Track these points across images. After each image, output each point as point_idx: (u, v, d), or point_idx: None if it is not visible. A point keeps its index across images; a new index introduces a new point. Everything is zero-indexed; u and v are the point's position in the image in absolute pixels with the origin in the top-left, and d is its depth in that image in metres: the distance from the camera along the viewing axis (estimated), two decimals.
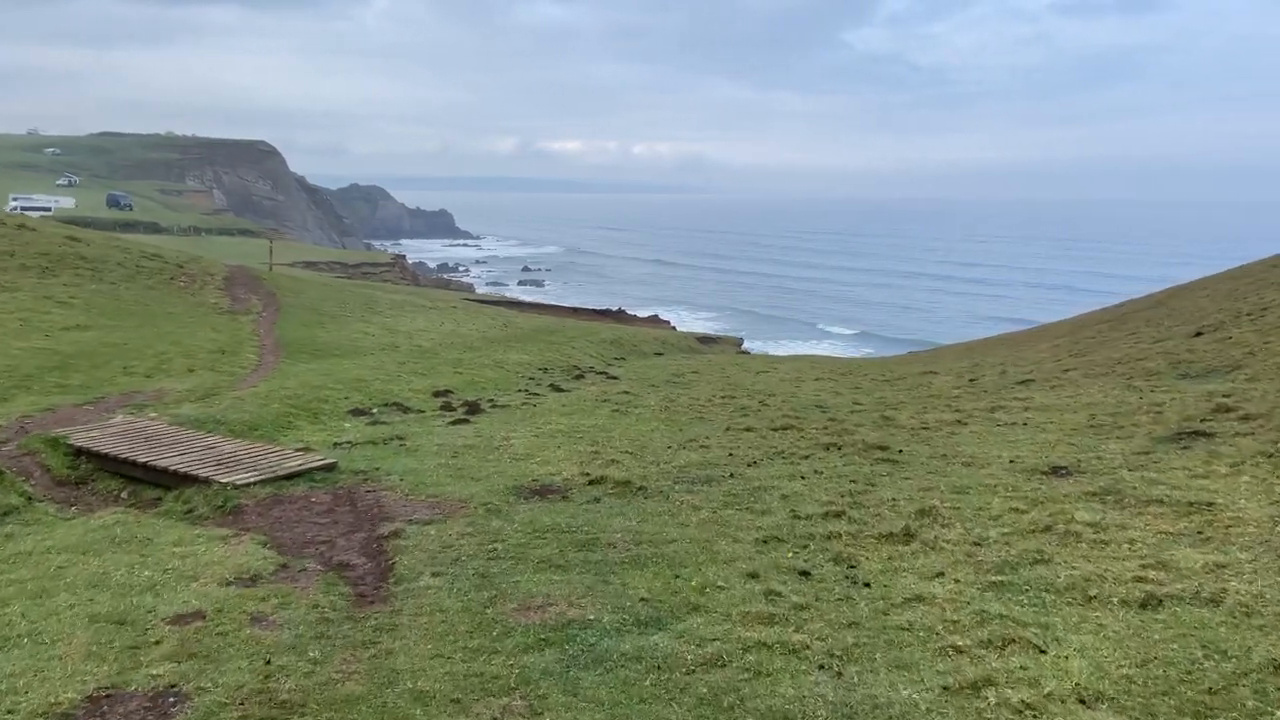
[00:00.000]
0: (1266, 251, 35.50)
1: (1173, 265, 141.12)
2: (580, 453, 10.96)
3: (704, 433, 12.81)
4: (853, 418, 14.08)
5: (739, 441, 11.92)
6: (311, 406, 14.20)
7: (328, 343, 21.89)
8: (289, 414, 13.44)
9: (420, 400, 16.15)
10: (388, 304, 32.70)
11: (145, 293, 24.04)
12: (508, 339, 29.30)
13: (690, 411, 15.24)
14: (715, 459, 10.60)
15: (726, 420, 14.13)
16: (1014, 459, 9.88)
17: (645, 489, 8.65)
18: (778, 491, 8.58)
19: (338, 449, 11.45)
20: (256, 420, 12.67)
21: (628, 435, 12.59)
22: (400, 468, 9.82)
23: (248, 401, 13.66)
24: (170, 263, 28.06)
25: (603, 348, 32.13)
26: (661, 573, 6.11)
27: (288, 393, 14.71)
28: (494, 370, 21.58)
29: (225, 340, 19.96)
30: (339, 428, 13.23)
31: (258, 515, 8.09)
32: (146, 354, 17.16)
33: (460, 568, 6.33)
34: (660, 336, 39.37)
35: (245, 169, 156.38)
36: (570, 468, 9.89)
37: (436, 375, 19.15)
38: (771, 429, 12.89)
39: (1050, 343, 27.72)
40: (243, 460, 9.42)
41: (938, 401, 16.00)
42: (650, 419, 14.31)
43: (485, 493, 8.60)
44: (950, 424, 12.93)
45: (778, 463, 10.37)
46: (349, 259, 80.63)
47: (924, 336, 74.84)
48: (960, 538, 6.74)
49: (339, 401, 14.95)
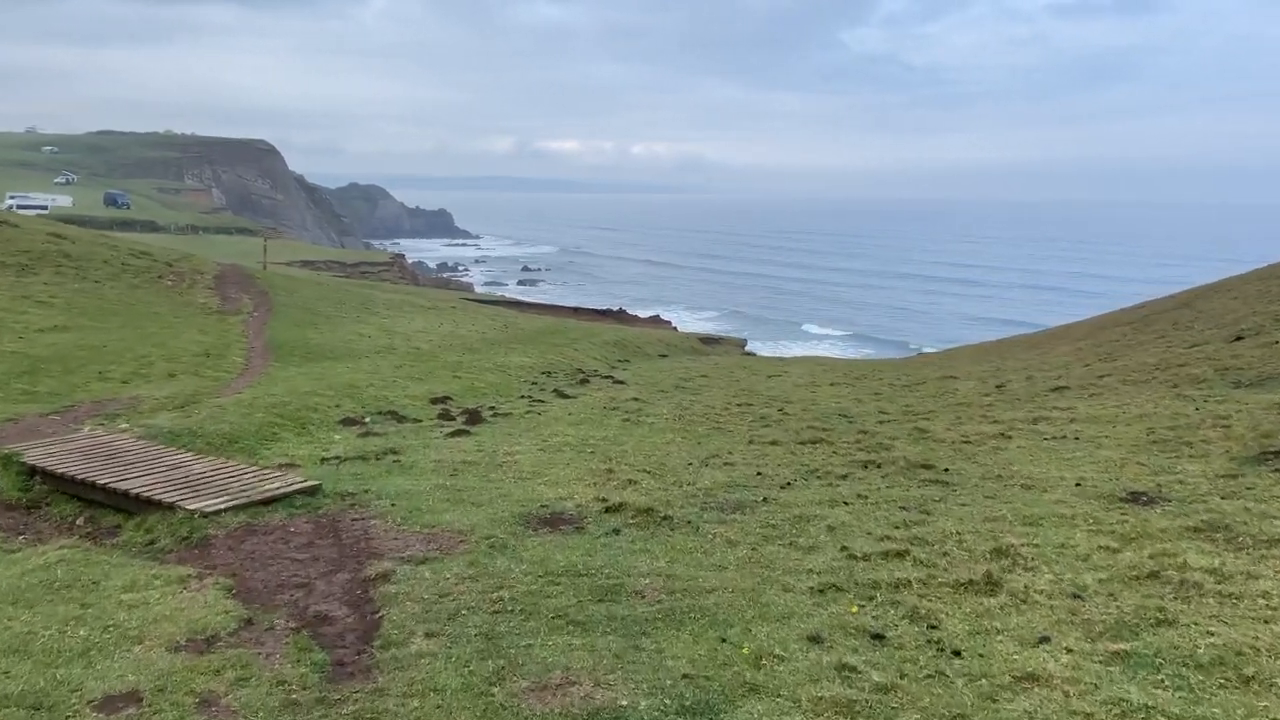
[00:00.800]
0: (1268, 255, 34.40)
1: (1170, 266, 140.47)
2: (593, 471, 9.89)
3: (725, 446, 11.74)
4: (884, 429, 13.02)
5: (765, 457, 10.85)
6: (299, 415, 13.12)
7: (320, 345, 20.81)
8: (273, 424, 12.36)
9: (417, 408, 15.08)
10: (385, 304, 31.63)
11: (130, 292, 22.95)
12: (509, 340, 28.25)
13: (706, 421, 14.18)
14: (743, 479, 9.54)
15: (747, 431, 13.07)
16: (1080, 481, 8.83)
17: (670, 518, 7.59)
18: (822, 522, 7.52)
19: (325, 466, 10.38)
20: (237, 432, 11.59)
21: (642, 449, 11.53)
22: (392, 489, 8.75)
23: (229, 410, 12.59)
24: (159, 261, 26.97)
25: (606, 350, 31.12)
26: (703, 634, 5.05)
27: (274, 400, 13.63)
28: (495, 374, 20.51)
29: (212, 342, 18.89)
30: (328, 440, 12.16)
31: (227, 549, 7.03)
32: (126, 357, 16.08)
33: (460, 625, 5.27)
34: (663, 338, 38.45)
35: (244, 168, 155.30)
36: (583, 490, 8.82)
37: (434, 380, 18.08)
38: (799, 442, 11.82)
39: (1070, 345, 26.66)
40: (215, 482, 8.36)
41: (970, 410, 14.94)
42: (665, 430, 13.25)
43: (488, 522, 7.54)
44: (993, 437, 11.88)
45: (813, 484, 9.30)
46: (347, 258, 79.64)
47: (918, 338, 73.82)
48: (1052, 586, 5.69)
49: (329, 410, 13.88)
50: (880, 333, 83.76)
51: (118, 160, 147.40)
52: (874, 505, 8.18)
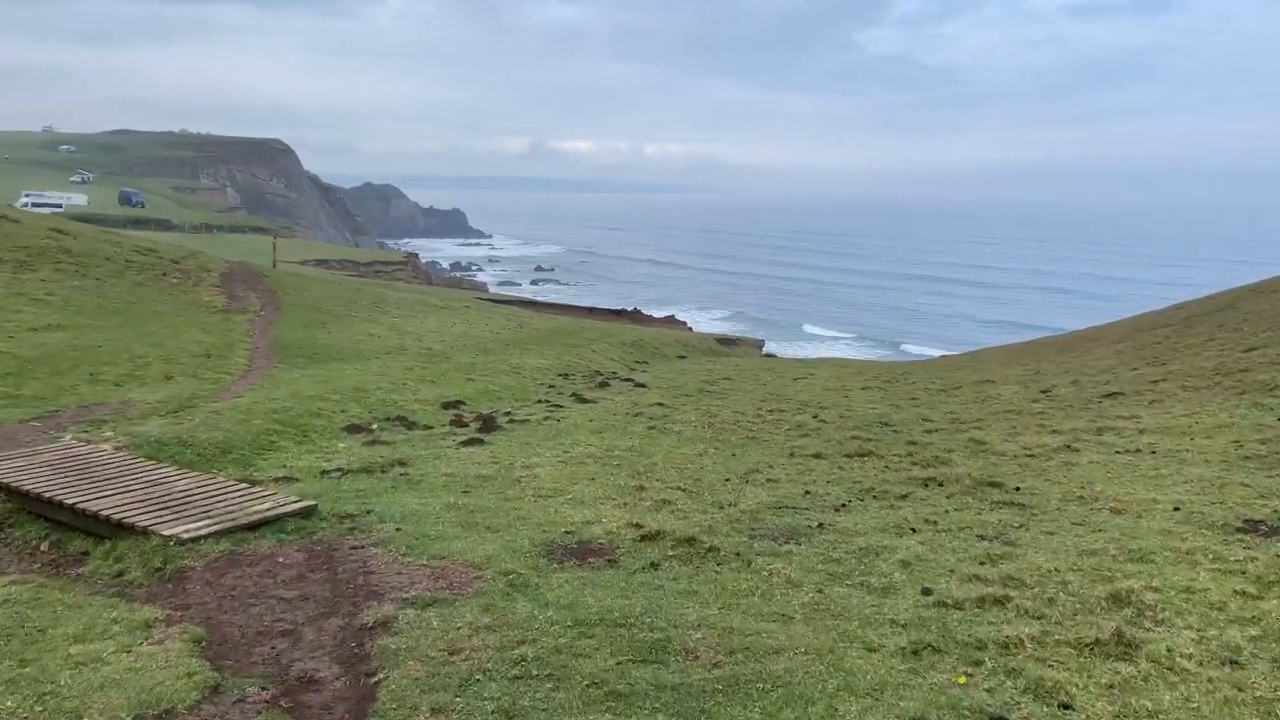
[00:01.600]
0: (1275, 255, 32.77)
1: (1182, 268, 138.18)
2: (621, 488, 8.87)
3: (764, 459, 10.70)
4: (934, 440, 11.94)
5: (811, 473, 9.81)
6: (301, 422, 12.17)
7: (328, 345, 19.90)
8: (272, 432, 11.41)
9: (428, 413, 14.11)
10: (396, 303, 30.74)
11: (132, 290, 22.12)
12: (523, 341, 27.30)
13: (739, 429, 13.14)
14: (790, 498, 8.50)
15: (785, 442, 12.03)
16: (1178, 505, 7.74)
17: (716, 549, 6.56)
18: (893, 555, 6.48)
19: (325, 479, 9.42)
20: (231, 441, 10.65)
21: (673, 461, 10.51)
22: (398, 510, 7.77)
23: (225, 416, 11.65)
24: (164, 258, 26.15)
25: (624, 351, 30.17)
26: (778, 715, 4.02)
27: (275, 405, 12.69)
28: (510, 377, 19.54)
29: (214, 342, 17.99)
30: (330, 449, 11.20)
31: (204, 585, 6.06)
32: (120, 358, 15.20)
33: (473, 696, 4.26)
34: (680, 338, 37.60)
35: (259, 167, 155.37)
36: (612, 512, 7.80)
37: (447, 383, 17.12)
38: (845, 455, 10.76)
39: (1107, 348, 25.42)
40: (197, 502, 7.39)
41: (1022, 419, 13.83)
42: (695, 439, 12.22)
43: (506, 552, 6.54)
44: (1058, 450, 10.79)
45: (871, 506, 8.25)
46: (361, 257, 79.05)
47: (930, 341, 72.37)
48: (1198, 649, 4.63)
49: (334, 415, 12.93)
50: (888, 335, 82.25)
51: (133, 159, 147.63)
52: (946, 533, 7.13)
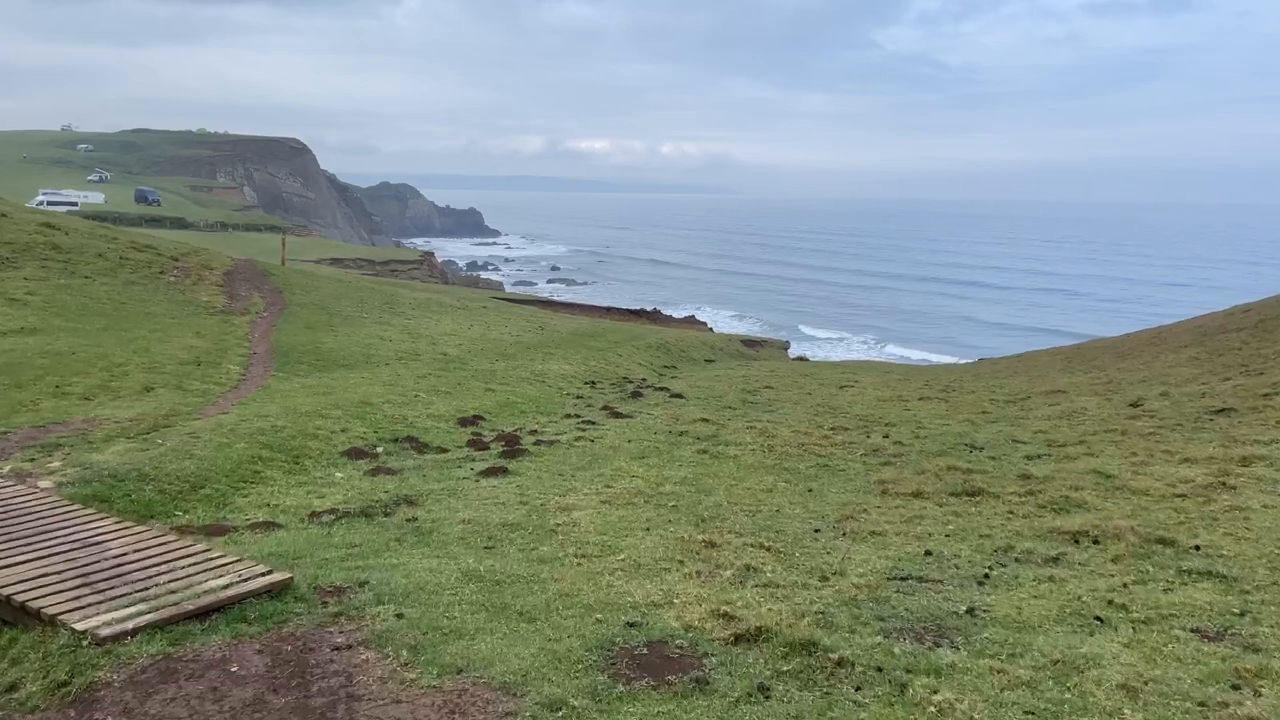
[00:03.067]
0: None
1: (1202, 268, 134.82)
2: (686, 544, 6.95)
3: (851, 497, 8.75)
4: (1042, 469, 9.94)
5: (920, 520, 7.84)
6: (293, 445, 10.33)
7: (334, 350, 18.10)
8: (258, 459, 9.57)
9: (442, 432, 12.26)
10: (411, 303, 28.97)
11: (124, 289, 20.43)
12: (544, 344, 25.46)
13: (805, 453, 11.18)
14: (909, 562, 6.56)
15: (865, 470, 10.07)
16: None
17: (848, 662, 4.61)
18: (1101, 673, 4.50)
19: (312, 525, 7.56)
20: (206, 472, 8.81)
21: (740, 500, 8.58)
22: (401, 582, 5.88)
23: (203, 439, 9.82)
24: (162, 255, 24.47)
25: (650, 354, 28.30)
26: None
27: (264, 424, 10.86)
28: (533, 385, 17.69)
29: (206, 347, 16.22)
30: (325, 481, 9.36)
31: (121, 714, 4.19)
32: (95, 367, 13.43)
33: None
34: (705, 340, 35.85)
35: (276, 166, 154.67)
36: (685, 586, 5.88)
37: (464, 394, 15.27)
38: (950, 493, 8.78)
39: (1177, 354, 23.21)
40: (131, 574, 5.53)
41: (1130, 440, 11.76)
42: (757, 467, 10.28)
43: (549, 662, 4.63)
44: (1210, 488, 8.77)
45: (1022, 575, 6.28)
46: (377, 256, 77.66)
47: (948, 346, 69.93)
48: None
49: (333, 436, 11.09)
50: (905, 337, 79.68)
51: (151, 158, 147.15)
52: (1151, 627, 5.16)
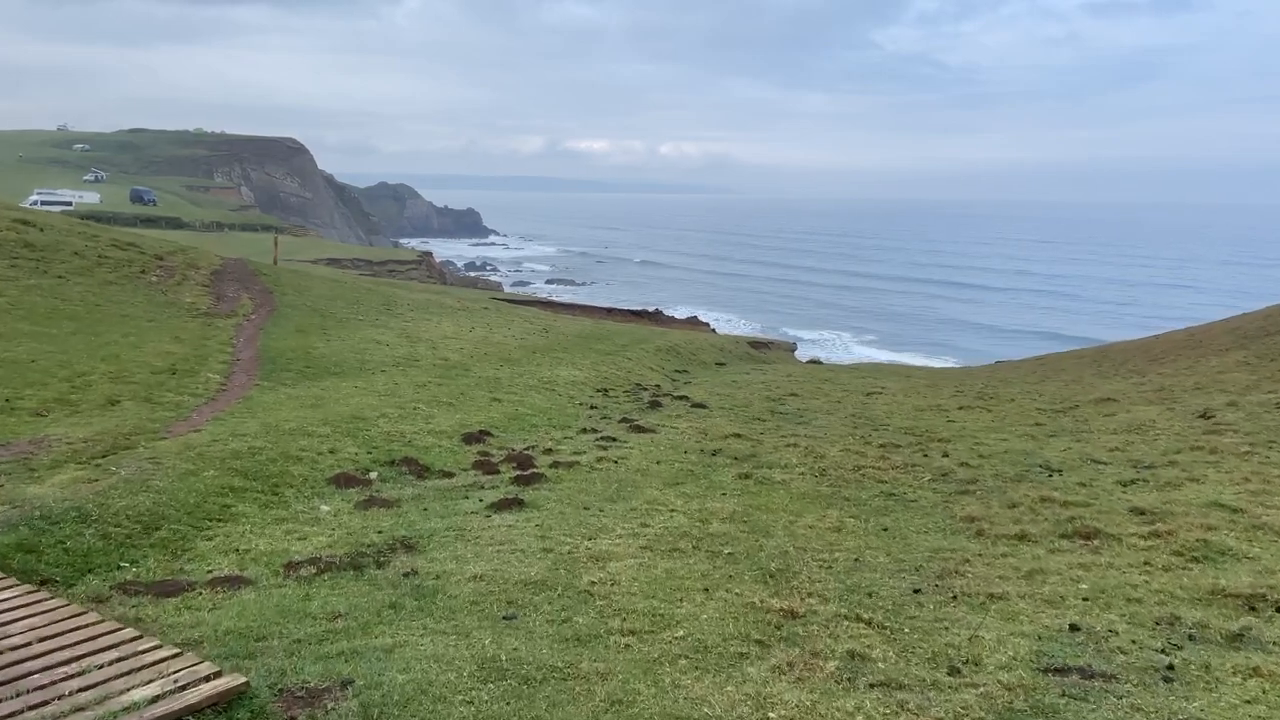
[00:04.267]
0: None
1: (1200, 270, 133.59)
2: (760, 614, 5.46)
3: (940, 541, 7.25)
4: (1155, 502, 8.45)
5: (1042, 575, 6.33)
6: (272, 471, 8.84)
7: (325, 356, 16.60)
8: (228, 489, 8.08)
9: (445, 451, 10.77)
10: (408, 305, 27.48)
11: (101, 289, 18.92)
12: (550, 348, 23.99)
13: (864, 478, 9.70)
14: (1054, 641, 5.07)
15: (942, 501, 8.58)
16: None
17: None
18: None
19: (289, 582, 6.08)
20: (162, 508, 7.32)
21: (807, 544, 7.11)
22: (396, 684, 4.38)
23: (167, 464, 8.34)
24: (145, 253, 22.98)
25: (660, 358, 26.84)
26: None
27: (241, 444, 9.36)
28: (543, 394, 16.19)
29: (184, 353, 14.72)
30: (308, 516, 7.88)
31: None
32: (56, 377, 11.93)
33: None
34: (713, 342, 34.54)
35: (273, 166, 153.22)
36: (777, 688, 4.39)
37: (468, 406, 13.78)
38: (1061, 535, 7.28)
39: (1222, 357, 21.76)
40: (28, 682, 4.03)
41: (1227, 460, 10.28)
42: (813, 497, 8.80)
43: None
44: None
45: (1211, 661, 4.80)
46: (374, 256, 76.21)
47: (949, 351, 68.47)
48: None
49: (320, 458, 9.60)
50: (901, 340, 78.09)
51: (148, 158, 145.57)
52: None
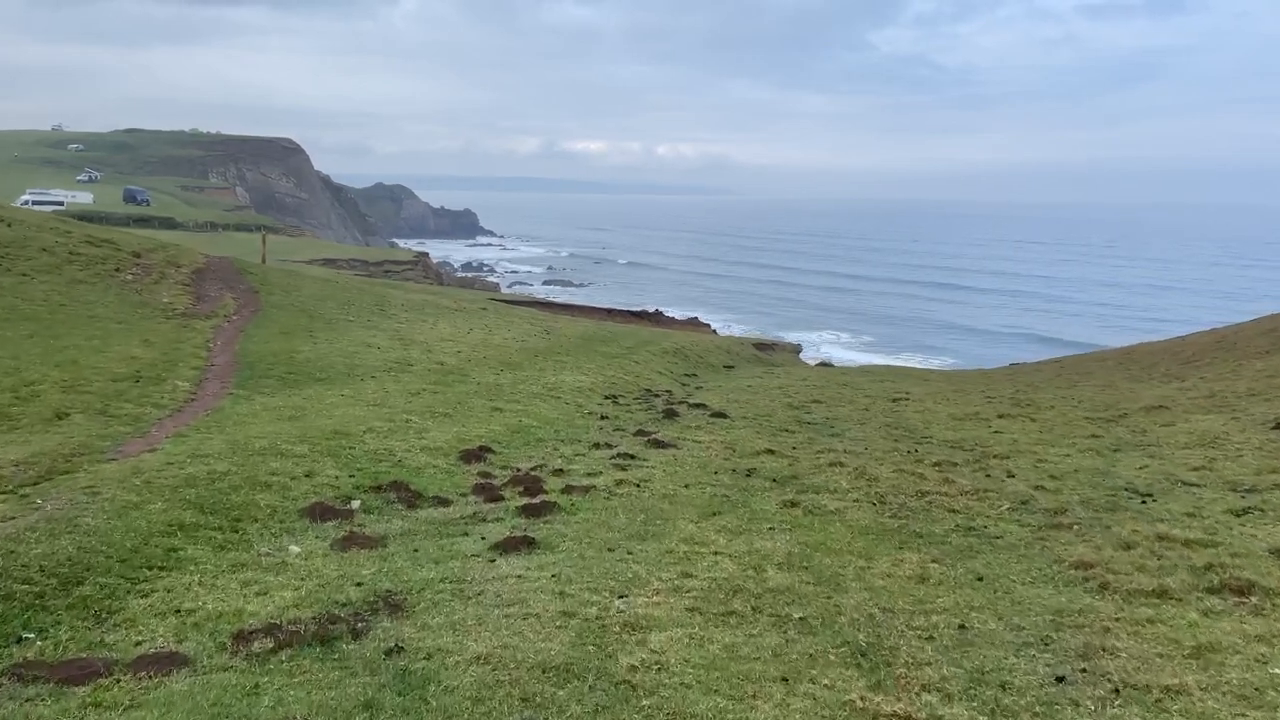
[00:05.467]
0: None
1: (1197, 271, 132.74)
2: (857, 713, 4.08)
3: (1055, 597, 5.84)
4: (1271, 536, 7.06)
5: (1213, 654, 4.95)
6: (234, 502, 7.41)
7: (310, 361, 15.16)
8: (177, 527, 6.65)
9: (440, 472, 9.35)
10: (403, 305, 26.04)
11: (67, 288, 17.48)
12: (552, 351, 22.58)
13: (930, 506, 8.29)
14: None
15: (1038, 541, 7.18)
16: None
17: None
18: None
19: (235, 662, 4.66)
20: (90, 555, 5.90)
21: (895, 603, 5.70)
22: None
23: (107, 494, 6.91)
24: (121, 250, 21.53)
25: (668, 361, 25.45)
26: None
27: (199, 468, 7.93)
28: (547, 402, 14.75)
29: (152, 358, 13.28)
30: (272, 561, 6.45)
31: None
32: (1, 385, 10.50)
33: None
34: (718, 344, 33.32)
35: (269, 166, 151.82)
36: None
37: (466, 416, 12.35)
38: (1208, 590, 5.89)
39: (1266, 360, 20.37)
40: None
41: None
42: (878, 531, 7.39)
43: None
44: None
45: None
46: (370, 256, 74.85)
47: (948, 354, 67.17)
48: None
49: (293, 484, 8.16)
50: (897, 344, 76.62)
51: (143, 158, 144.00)
52: None
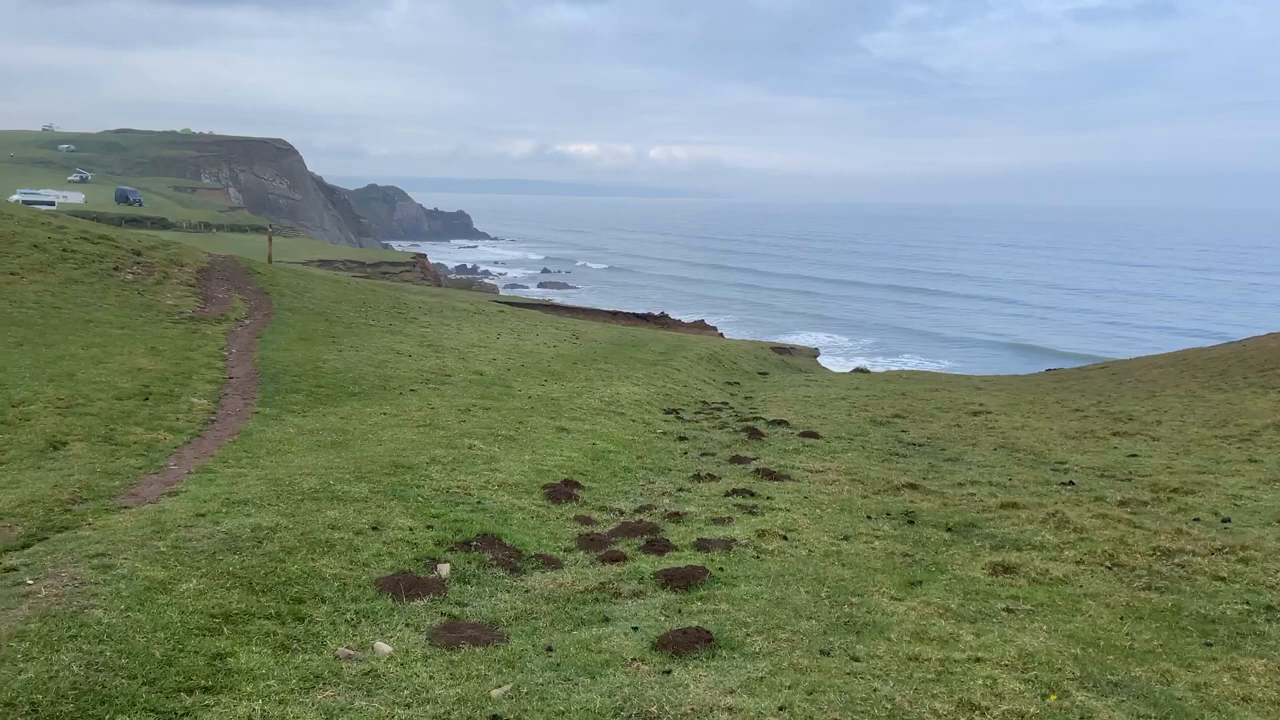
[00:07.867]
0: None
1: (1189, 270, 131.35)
2: None
3: None
4: None
5: None
6: (291, 571, 5.54)
7: (339, 371, 13.27)
8: (221, 619, 4.75)
9: (531, 517, 7.48)
10: (420, 308, 24.18)
11: (62, 289, 15.56)
12: (589, 358, 20.79)
13: (1185, 571, 6.50)
14: None
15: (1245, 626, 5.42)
16: None
17: None
18: None
19: None
20: (105, 675, 4.00)
21: None
22: None
23: (122, 566, 5.04)
24: (120, 248, 19.58)
25: (706, 369, 23.74)
26: None
27: (240, 522, 6.06)
28: (613, 420, 12.89)
29: (162, 370, 11.38)
30: (356, 671, 4.58)
31: None
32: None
33: None
34: (745, 349, 31.96)
35: (262, 167, 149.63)
36: None
37: (532, 440, 10.48)
38: None
39: None
40: None
41: None
42: (1152, 617, 5.58)
43: None
44: None
45: None
46: (368, 258, 72.83)
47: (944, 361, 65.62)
48: None
49: (360, 540, 6.30)
50: (893, 347, 74.91)
51: (135, 159, 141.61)
52: None
